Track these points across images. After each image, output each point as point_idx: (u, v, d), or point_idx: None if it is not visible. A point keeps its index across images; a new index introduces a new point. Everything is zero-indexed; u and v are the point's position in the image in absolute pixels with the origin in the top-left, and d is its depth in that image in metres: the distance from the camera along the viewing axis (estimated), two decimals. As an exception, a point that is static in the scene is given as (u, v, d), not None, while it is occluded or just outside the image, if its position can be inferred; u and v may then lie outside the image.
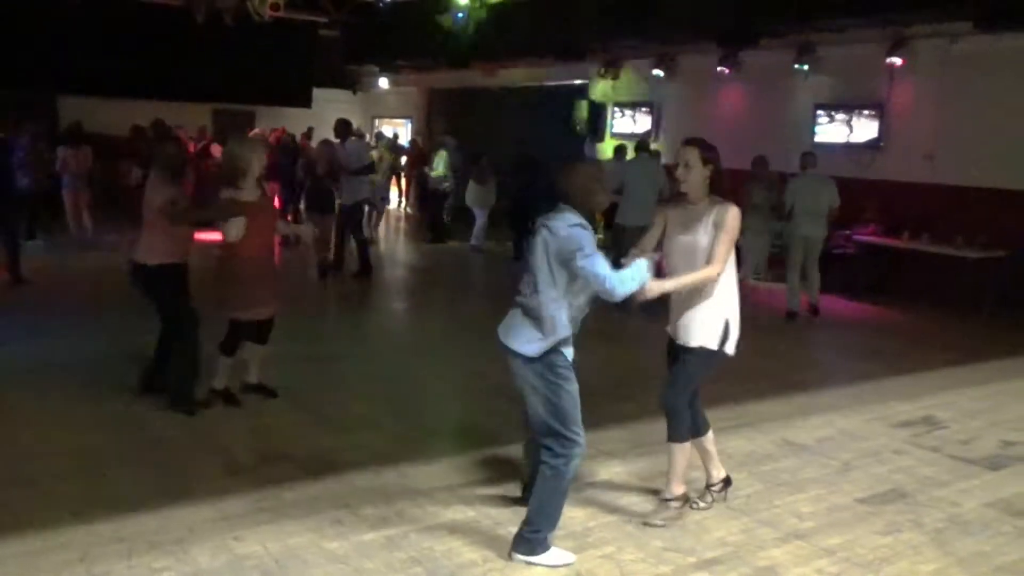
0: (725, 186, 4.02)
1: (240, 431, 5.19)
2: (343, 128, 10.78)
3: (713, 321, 4.00)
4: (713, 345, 4.00)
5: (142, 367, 5.72)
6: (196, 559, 3.62)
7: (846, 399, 6.33)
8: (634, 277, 3.67)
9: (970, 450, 5.36)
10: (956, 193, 10.14)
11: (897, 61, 10.49)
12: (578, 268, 3.56)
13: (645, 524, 4.12)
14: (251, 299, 5.43)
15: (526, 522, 3.73)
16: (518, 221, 11.84)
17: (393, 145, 15.82)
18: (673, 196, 4.03)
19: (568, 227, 3.58)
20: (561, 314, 3.64)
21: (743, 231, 4.16)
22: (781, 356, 7.66)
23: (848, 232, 10.54)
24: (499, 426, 5.21)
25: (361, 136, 12.33)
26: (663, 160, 11.07)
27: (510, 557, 3.72)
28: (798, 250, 9.30)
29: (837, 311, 9.67)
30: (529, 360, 3.65)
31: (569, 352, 3.74)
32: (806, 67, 11.48)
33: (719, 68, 12.31)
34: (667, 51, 13.20)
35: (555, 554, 3.73)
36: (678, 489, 4.20)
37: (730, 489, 4.41)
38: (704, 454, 4.34)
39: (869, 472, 4.94)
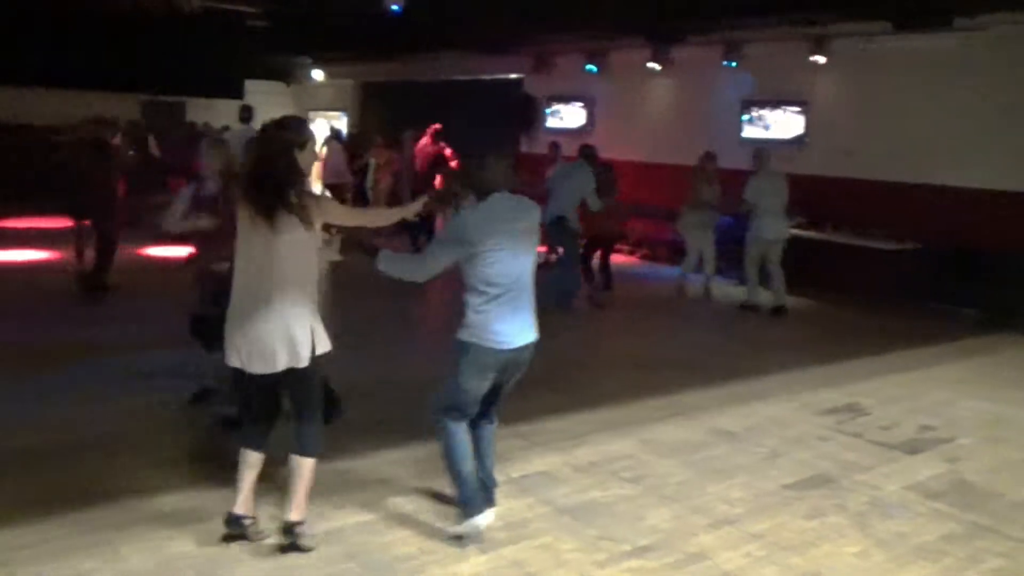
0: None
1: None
2: (241, 113, 11.04)
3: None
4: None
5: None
6: None
7: (773, 388, 6.51)
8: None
9: (890, 435, 5.58)
10: (874, 188, 10.49)
11: (820, 59, 10.79)
12: None
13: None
14: None
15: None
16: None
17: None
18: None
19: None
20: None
21: (684, 227, 4.15)
22: (711, 348, 7.79)
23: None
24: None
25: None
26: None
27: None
28: (759, 249, 9.29)
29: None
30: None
31: None
32: (734, 64, 11.73)
33: (650, 64, 12.49)
34: (599, 47, 13.33)
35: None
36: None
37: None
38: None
39: (795, 458, 5.09)
